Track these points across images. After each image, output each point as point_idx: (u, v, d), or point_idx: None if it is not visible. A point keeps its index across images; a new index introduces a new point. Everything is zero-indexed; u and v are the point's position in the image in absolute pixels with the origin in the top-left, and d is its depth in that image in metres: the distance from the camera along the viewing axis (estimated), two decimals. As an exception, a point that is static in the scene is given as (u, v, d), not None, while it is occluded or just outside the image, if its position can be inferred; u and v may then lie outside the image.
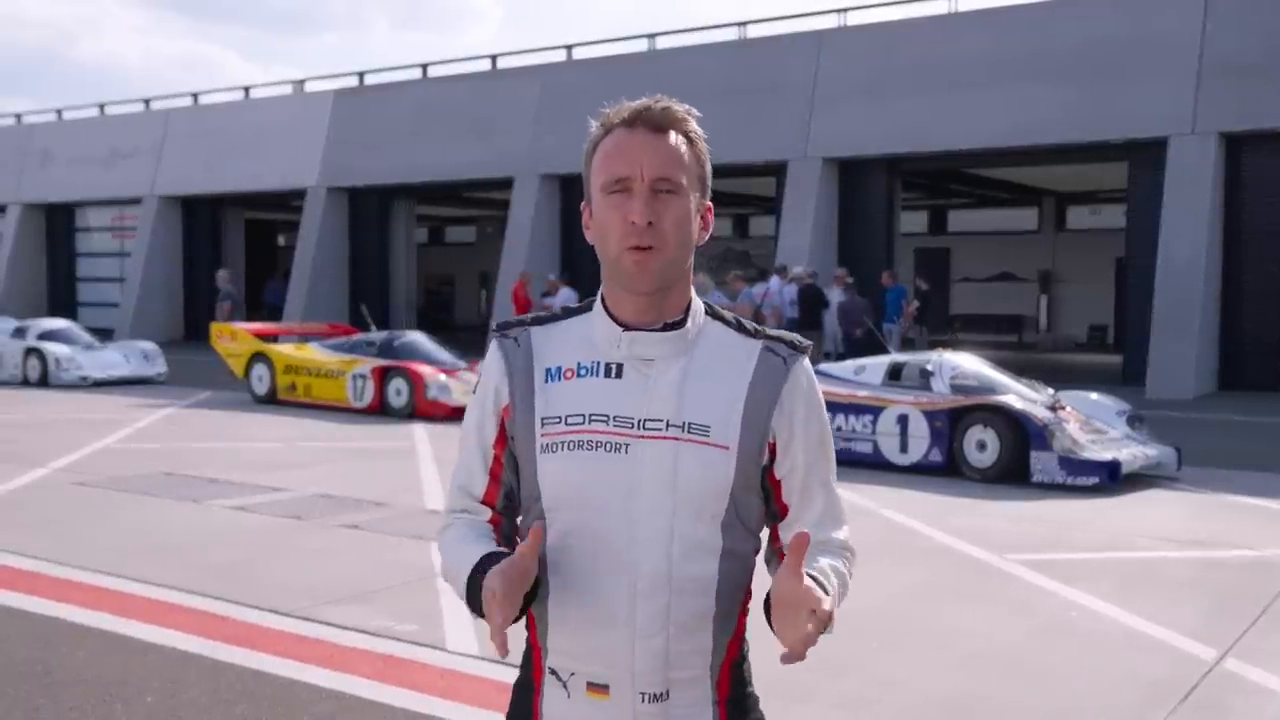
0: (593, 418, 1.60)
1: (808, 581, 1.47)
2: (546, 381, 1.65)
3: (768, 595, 1.52)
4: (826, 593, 1.51)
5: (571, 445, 1.60)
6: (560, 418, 1.62)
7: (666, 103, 1.63)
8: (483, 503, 1.72)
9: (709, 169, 1.68)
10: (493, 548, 1.64)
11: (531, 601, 1.58)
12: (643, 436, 1.59)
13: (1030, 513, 8.42)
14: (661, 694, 1.62)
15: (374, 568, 6.56)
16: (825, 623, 1.45)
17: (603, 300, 1.68)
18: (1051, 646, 5.29)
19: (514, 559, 1.51)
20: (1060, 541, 7.48)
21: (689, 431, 1.59)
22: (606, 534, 1.59)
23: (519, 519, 1.75)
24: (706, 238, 1.70)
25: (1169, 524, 8.07)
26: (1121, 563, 6.95)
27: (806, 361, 1.70)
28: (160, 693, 4.52)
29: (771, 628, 1.51)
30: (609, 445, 1.59)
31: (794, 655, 1.45)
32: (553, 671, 1.66)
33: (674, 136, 1.63)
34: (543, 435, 1.62)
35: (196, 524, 7.78)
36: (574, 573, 1.62)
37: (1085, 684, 4.77)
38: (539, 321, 1.72)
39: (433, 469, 10.04)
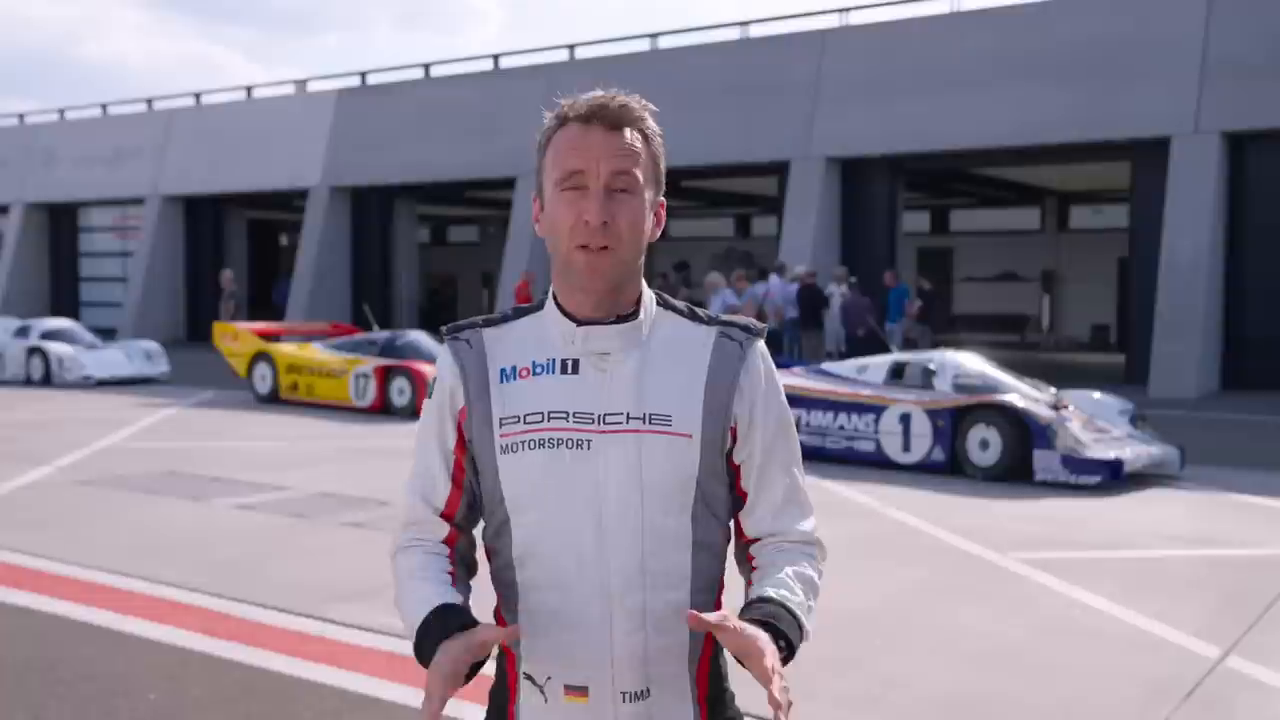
0: (551, 415, 1.58)
1: (750, 631, 1.48)
2: (502, 381, 1.63)
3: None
4: (780, 632, 1.52)
5: (532, 444, 1.58)
6: (518, 417, 1.59)
7: (624, 99, 1.61)
8: (443, 515, 1.68)
9: (663, 166, 1.67)
10: (447, 593, 1.61)
11: (475, 673, 1.56)
12: (604, 431, 1.57)
13: (1033, 511, 8.42)
14: (642, 692, 1.60)
15: (377, 566, 6.56)
16: (782, 663, 1.48)
17: (554, 297, 1.66)
18: (1054, 644, 5.29)
19: (472, 643, 1.50)
20: (1063, 540, 7.48)
21: (650, 422, 1.58)
22: (575, 532, 1.57)
23: (481, 528, 1.71)
24: (659, 234, 1.68)
25: (1172, 522, 8.07)
26: (1124, 561, 6.95)
27: (762, 344, 1.70)
28: (164, 690, 4.53)
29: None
30: (570, 442, 1.57)
31: (773, 697, 1.44)
32: (528, 677, 1.63)
33: (630, 134, 1.60)
34: (501, 436, 1.59)
35: (200, 522, 7.79)
36: (545, 575, 1.59)
37: (1088, 681, 4.77)
38: (489, 323, 1.69)
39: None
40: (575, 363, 1.61)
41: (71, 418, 13.43)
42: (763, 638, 1.47)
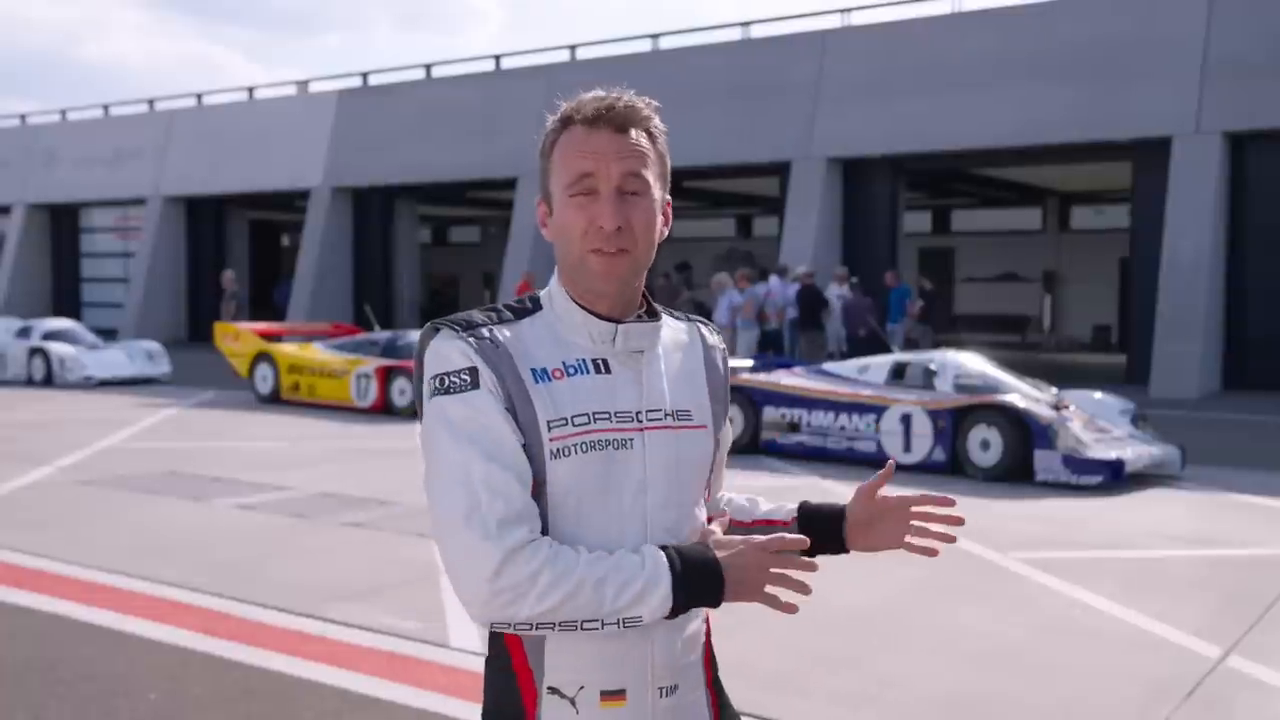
0: (597, 416, 1.57)
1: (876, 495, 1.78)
2: (537, 383, 1.56)
3: (837, 532, 1.80)
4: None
5: (584, 447, 1.55)
6: (566, 419, 1.55)
7: (630, 100, 1.60)
8: (534, 498, 1.54)
9: (669, 164, 1.67)
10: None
11: None
12: (644, 428, 1.59)
13: (1034, 511, 8.42)
14: (673, 687, 1.61)
15: (377, 566, 6.57)
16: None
17: (569, 295, 1.62)
18: (1054, 644, 5.29)
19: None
20: (1064, 540, 7.48)
21: (678, 418, 1.63)
22: (620, 532, 1.56)
23: None
24: (667, 233, 1.68)
25: (1173, 522, 8.07)
26: (1125, 561, 6.94)
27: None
28: (164, 690, 4.53)
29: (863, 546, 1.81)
30: (616, 442, 1.57)
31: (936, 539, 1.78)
32: (553, 690, 1.57)
33: (637, 134, 1.59)
34: (551, 440, 1.54)
35: (200, 522, 7.79)
36: None
37: (1088, 681, 4.76)
38: (498, 321, 1.61)
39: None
40: (605, 362, 1.61)
41: (73, 418, 13.43)
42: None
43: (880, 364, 11.07)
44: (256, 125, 27.88)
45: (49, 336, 18.15)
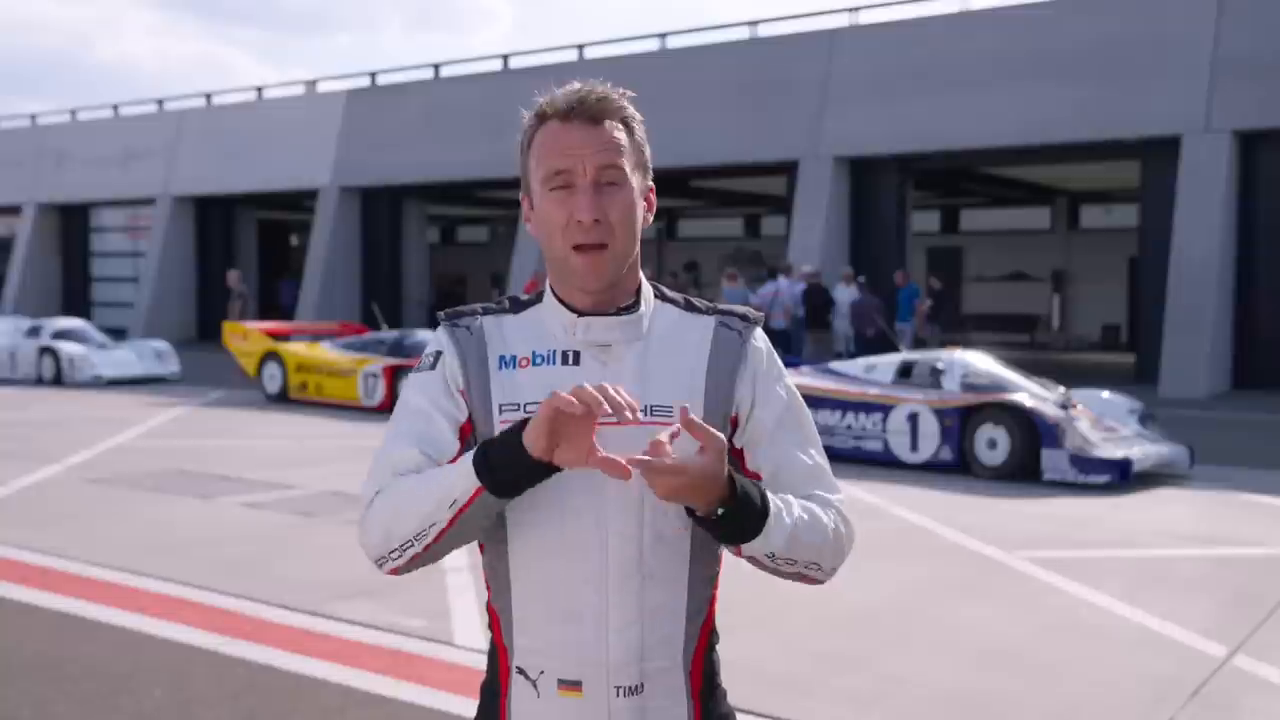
0: None
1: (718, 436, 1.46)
2: (500, 369, 1.62)
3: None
4: (738, 484, 1.51)
5: None
6: (518, 405, 1.58)
7: (602, 91, 1.61)
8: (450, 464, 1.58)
9: (649, 152, 1.67)
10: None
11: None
12: (605, 423, 1.54)
13: (1041, 510, 8.40)
14: (636, 687, 1.59)
15: (383, 564, 6.57)
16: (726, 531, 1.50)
17: (552, 289, 1.65)
18: (1060, 643, 5.28)
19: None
20: (1070, 539, 7.46)
21: (652, 414, 1.57)
22: (574, 525, 1.56)
23: None
24: (651, 220, 1.68)
25: (1180, 522, 8.05)
26: (1132, 560, 6.92)
27: (760, 331, 1.70)
28: (169, 686, 4.54)
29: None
30: None
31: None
32: (520, 671, 1.62)
33: (611, 125, 1.60)
34: (500, 422, 1.58)
35: (208, 520, 7.81)
36: (541, 566, 1.58)
37: (1094, 680, 4.75)
38: (488, 312, 1.69)
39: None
40: (576, 354, 1.61)
41: (81, 416, 13.48)
42: (722, 442, 1.46)
43: (887, 363, 11.05)
44: (265, 125, 27.94)
45: (59, 336, 18.21)
